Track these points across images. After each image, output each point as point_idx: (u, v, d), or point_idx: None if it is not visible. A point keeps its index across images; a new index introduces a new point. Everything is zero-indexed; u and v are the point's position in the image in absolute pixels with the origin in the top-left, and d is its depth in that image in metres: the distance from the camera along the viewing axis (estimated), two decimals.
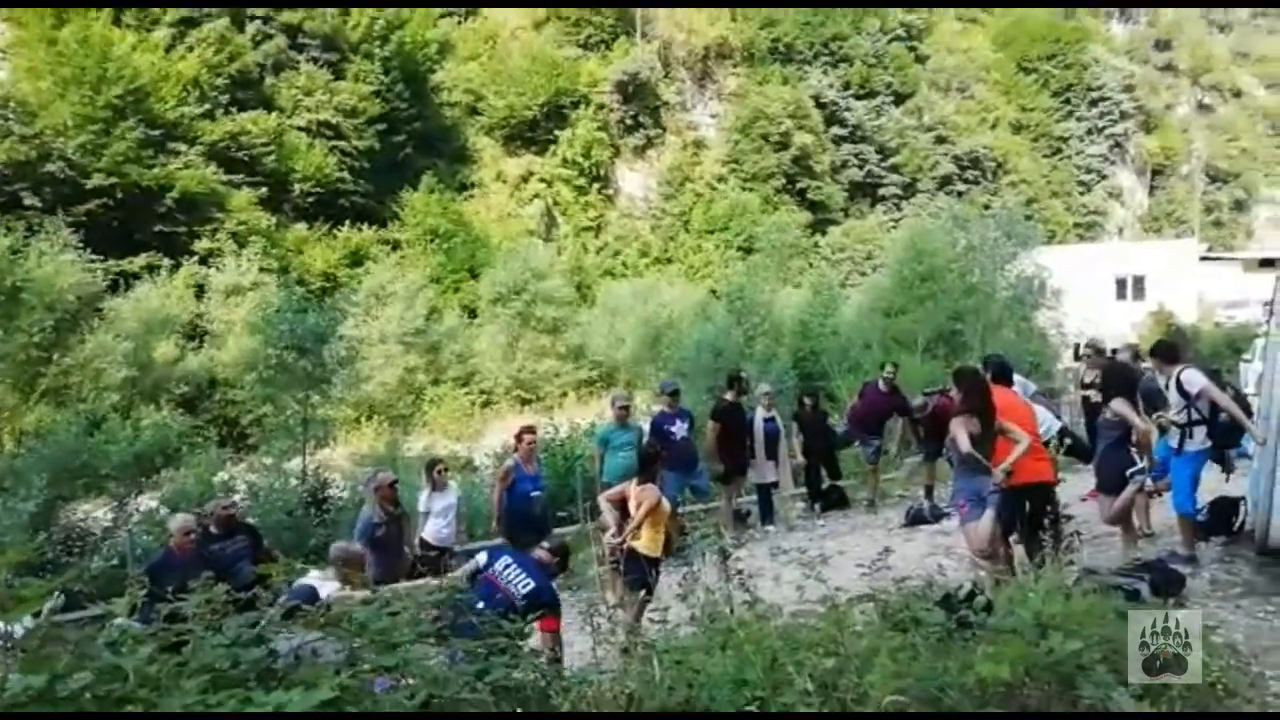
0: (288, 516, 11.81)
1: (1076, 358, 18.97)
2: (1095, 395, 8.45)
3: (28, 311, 22.85)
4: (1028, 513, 6.70)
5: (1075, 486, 8.49)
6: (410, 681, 2.49)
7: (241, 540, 7.32)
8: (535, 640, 4.83)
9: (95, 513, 12.52)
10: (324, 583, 5.36)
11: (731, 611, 4.27)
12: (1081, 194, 58.98)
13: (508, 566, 5.41)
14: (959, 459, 6.15)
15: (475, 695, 2.49)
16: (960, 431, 6.04)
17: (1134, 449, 7.08)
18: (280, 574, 3.21)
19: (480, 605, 5.17)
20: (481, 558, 5.63)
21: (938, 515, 9.75)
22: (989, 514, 5.98)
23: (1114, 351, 10.28)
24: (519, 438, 8.94)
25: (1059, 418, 10.21)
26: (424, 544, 8.46)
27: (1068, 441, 7.99)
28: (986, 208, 39.48)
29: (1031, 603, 4.09)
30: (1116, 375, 7.53)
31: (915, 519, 9.88)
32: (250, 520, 8.79)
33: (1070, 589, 4.65)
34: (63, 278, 24.55)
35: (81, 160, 30.73)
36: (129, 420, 16.18)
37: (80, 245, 27.22)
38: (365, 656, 2.46)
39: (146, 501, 12.96)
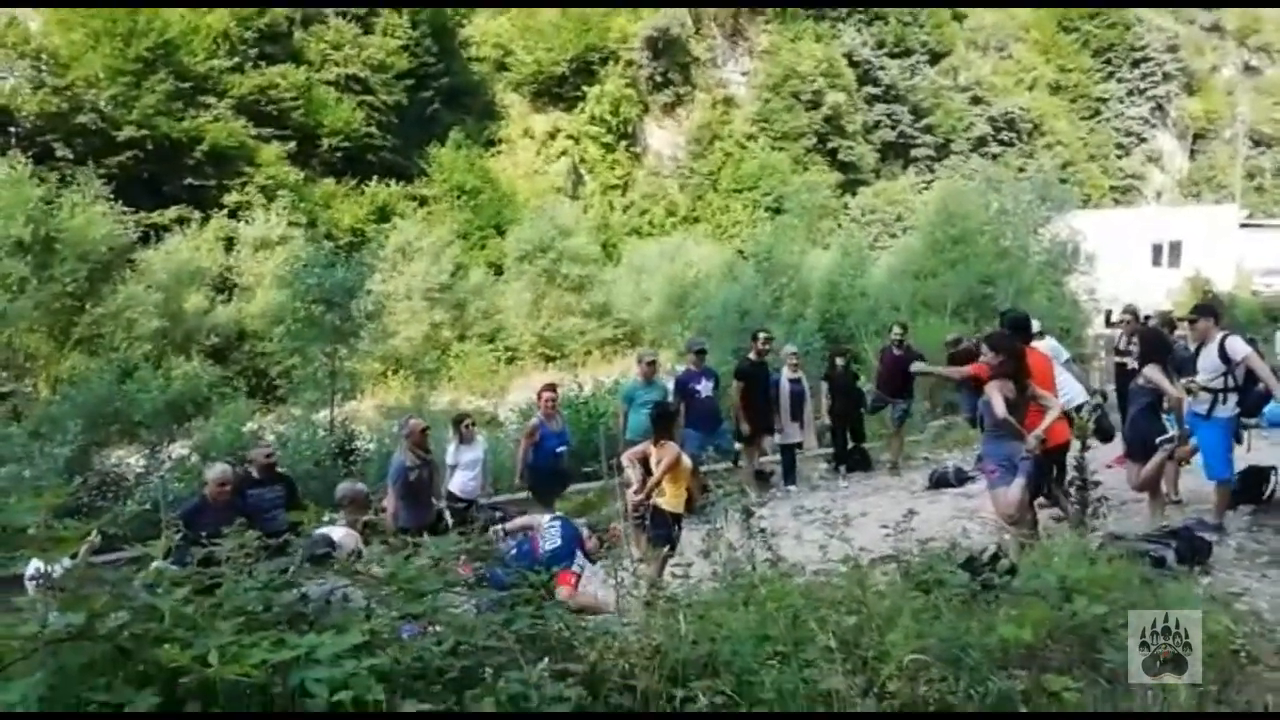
0: (315, 467, 11.97)
1: (1109, 324, 18.72)
2: (1131, 362, 8.33)
3: (60, 261, 23.16)
4: (1054, 474, 6.75)
5: (1101, 453, 8.41)
6: (438, 629, 2.53)
7: (279, 489, 7.45)
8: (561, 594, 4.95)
9: (129, 459, 12.76)
10: (336, 529, 5.44)
11: (754, 569, 4.30)
12: (1119, 157, 57.74)
13: (550, 525, 5.64)
14: (991, 423, 6.10)
15: (501, 643, 2.53)
16: (995, 396, 5.98)
17: (1166, 416, 7.01)
18: (311, 521, 3.26)
19: (513, 553, 5.33)
20: (545, 518, 5.81)
21: (962, 479, 9.72)
22: (1020, 480, 5.95)
23: (1146, 318, 10.13)
24: (540, 395, 9.06)
25: (1088, 388, 10.08)
26: (450, 495, 8.59)
27: (1098, 414, 7.92)
28: (1021, 170, 38.82)
29: (1056, 566, 4.08)
30: (1152, 341, 7.43)
31: (939, 482, 9.86)
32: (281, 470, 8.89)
33: (1095, 554, 4.64)
34: (95, 228, 24.84)
35: (113, 112, 30.94)
36: (160, 370, 16.40)
37: (111, 197, 27.48)
38: (394, 603, 2.51)
39: (178, 449, 13.21)
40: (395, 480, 7.88)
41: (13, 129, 30.82)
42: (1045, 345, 8.25)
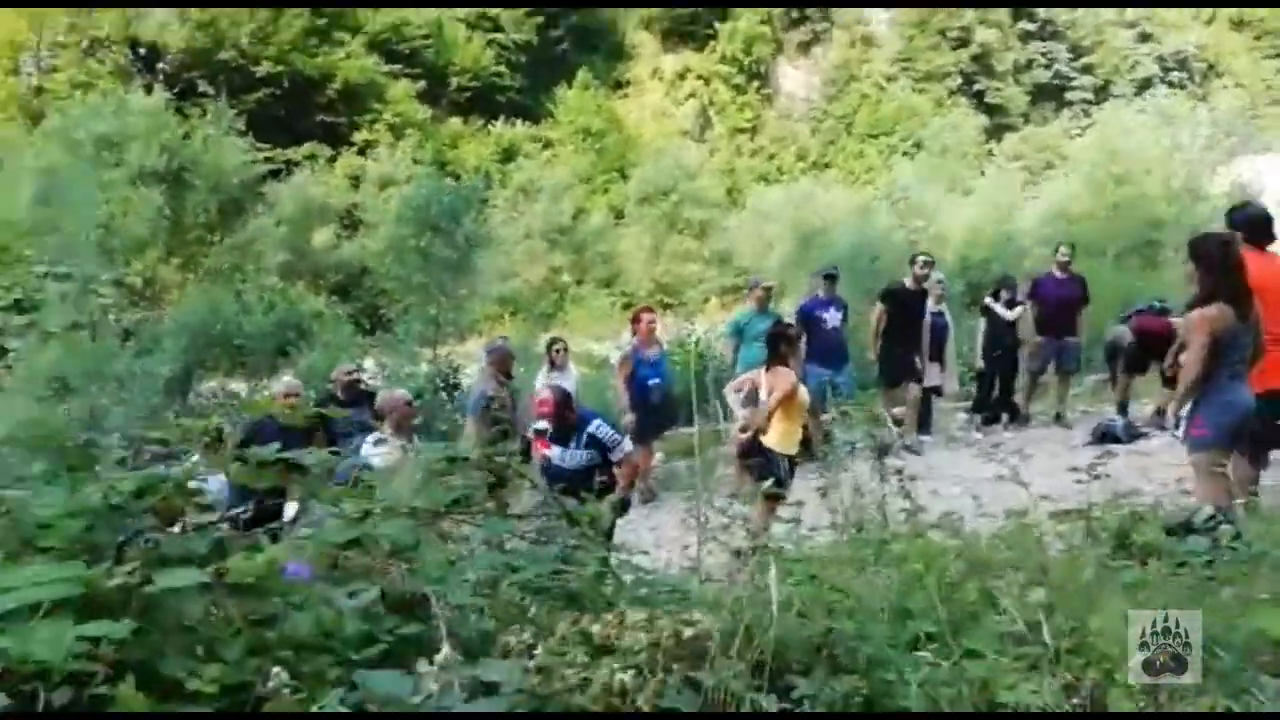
0: (417, 398, 11.51)
1: None
2: None
3: (193, 192, 23.68)
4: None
5: None
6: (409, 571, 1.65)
7: (365, 411, 6.84)
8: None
9: (231, 385, 12.64)
10: (377, 447, 4.73)
11: (886, 520, 3.31)
12: None
13: (598, 426, 5.53)
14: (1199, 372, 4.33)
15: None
16: (1198, 334, 4.25)
17: None
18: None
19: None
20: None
21: (1133, 435, 8.25)
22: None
23: None
24: (637, 319, 8.28)
25: None
26: None
27: None
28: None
29: None
30: None
31: (1103, 436, 8.36)
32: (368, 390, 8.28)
33: None
34: (226, 161, 25.29)
35: (251, 48, 31.54)
36: (269, 295, 16.28)
37: (244, 131, 27.99)
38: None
39: (282, 379, 13.01)
40: (475, 410, 7.29)
41: (161, 65, 31.88)
42: None
